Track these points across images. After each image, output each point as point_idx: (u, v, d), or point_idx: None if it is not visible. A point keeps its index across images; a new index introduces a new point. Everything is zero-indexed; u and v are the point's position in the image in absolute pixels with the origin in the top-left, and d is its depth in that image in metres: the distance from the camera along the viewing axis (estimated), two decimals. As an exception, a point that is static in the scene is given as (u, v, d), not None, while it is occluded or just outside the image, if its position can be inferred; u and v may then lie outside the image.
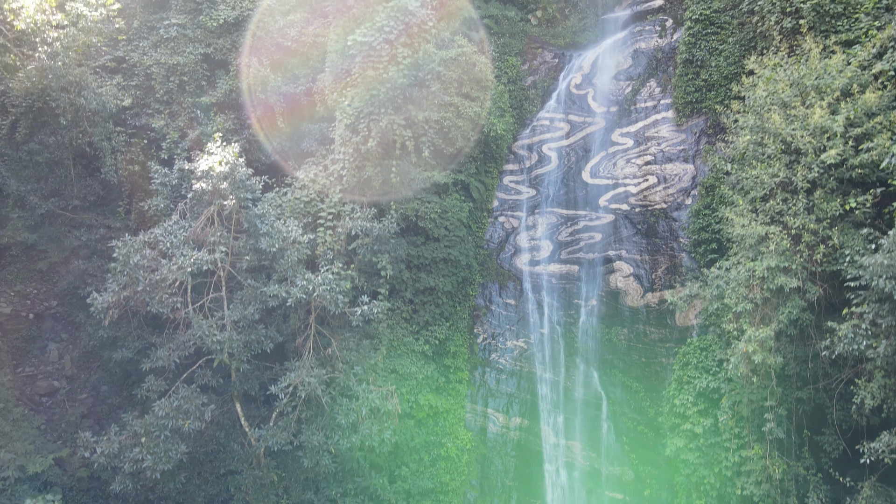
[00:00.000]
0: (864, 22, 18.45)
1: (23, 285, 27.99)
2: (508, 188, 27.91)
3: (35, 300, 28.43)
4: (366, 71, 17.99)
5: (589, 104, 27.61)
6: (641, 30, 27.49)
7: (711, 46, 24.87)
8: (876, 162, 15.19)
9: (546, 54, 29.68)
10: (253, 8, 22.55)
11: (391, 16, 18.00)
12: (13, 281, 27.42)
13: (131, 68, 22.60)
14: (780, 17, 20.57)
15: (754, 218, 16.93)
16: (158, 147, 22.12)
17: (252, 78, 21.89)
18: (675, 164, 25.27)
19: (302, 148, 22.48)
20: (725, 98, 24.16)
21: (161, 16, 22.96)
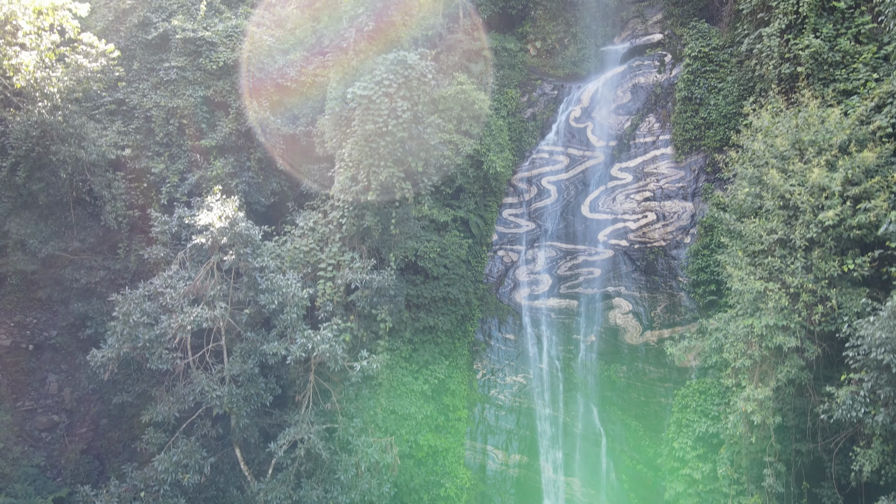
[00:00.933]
0: (862, 73, 18.49)
1: (22, 315, 28.01)
2: (508, 221, 27.94)
3: (35, 330, 28.44)
4: (365, 125, 18.02)
5: (588, 138, 27.64)
6: (640, 64, 27.53)
7: (710, 84, 24.91)
8: (874, 223, 15.22)
9: (545, 86, 29.71)
10: (252, 49, 22.58)
11: (390, 69, 18.03)
12: (13, 310, 27.41)
13: (131, 111, 22.63)
14: (778, 62, 20.61)
15: (752, 271, 16.95)
16: (158, 190, 22.15)
17: (252, 120, 21.92)
18: (674, 201, 25.29)
19: (301, 189, 22.50)
20: (724, 137, 24.25)
21: (161, 57, 22.99)
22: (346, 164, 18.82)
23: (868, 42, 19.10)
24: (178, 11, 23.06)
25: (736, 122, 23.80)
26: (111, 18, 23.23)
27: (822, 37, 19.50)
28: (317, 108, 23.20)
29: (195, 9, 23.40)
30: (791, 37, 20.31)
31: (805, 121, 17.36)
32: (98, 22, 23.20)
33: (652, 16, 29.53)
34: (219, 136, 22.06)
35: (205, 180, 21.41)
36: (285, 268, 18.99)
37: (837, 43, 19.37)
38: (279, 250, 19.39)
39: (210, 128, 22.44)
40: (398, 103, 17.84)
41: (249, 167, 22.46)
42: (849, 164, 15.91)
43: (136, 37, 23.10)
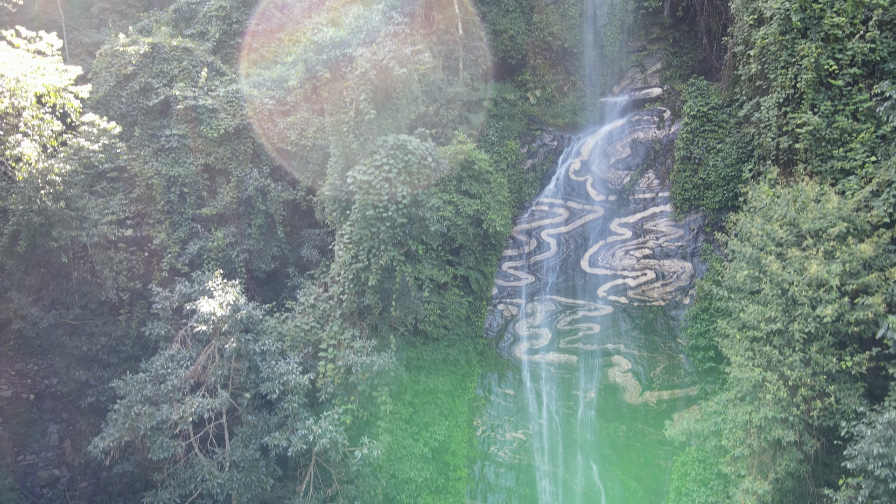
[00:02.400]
0: (860, 153, 18.59)
1: (23, 363, 28.07)
2: (507, 275, 28.01)
3: (35, 378, 28.50)
4: (366, 210, 18.09)
5: (588, 191, 27.74)
6: (639, 119, 27.64)
7: (709, 145, 25.02)
8: (872, 320, 15.32)
9: (545, 136, 29.82)
10: (253, 115, 22.66)
11: (390, 154, 18.11)
12: (13, 357, 27.45)
13: (132, 178, 22.71)
14: (776, 134, 20.71)
15: (751, 357, 17.04)
16: (160, 259, 22.21)
17: (252, 188, 21.99)
18: (673, 260, 25.39)
19: (301, 254, 22.57)
20: (723, 198, 24.37)
21: (162, 123, 23.07)
22: (346, 243, 18.92)
23: (866, 120, 19.21)
24: (179, 76, 23.15)
25: (735, 184, 23.94)
26: (112, 84, 23.32)
27: (820, 113, 19.60)
28: (317, 172, 23.28)
29: (196, 72, 23.49)
30: (789, 110, 20.42)
31: (803, 205, 17.45)
32: (100, 87, 23.30)
33: (651, 65, 29.66)
34: (220, 204, 22.14)
35: (206, 251, 21.50)
36: (286, 347, 19.09)
37: (835, 120, 19.47)
38: (281, 328, 19.49)
39: (211, 195, 22.53)
40: (398, 188, 17.94)
41: (250, 234, 22.55)
42: (847, 255, 16.00)
43: (138, 103, 23.18)
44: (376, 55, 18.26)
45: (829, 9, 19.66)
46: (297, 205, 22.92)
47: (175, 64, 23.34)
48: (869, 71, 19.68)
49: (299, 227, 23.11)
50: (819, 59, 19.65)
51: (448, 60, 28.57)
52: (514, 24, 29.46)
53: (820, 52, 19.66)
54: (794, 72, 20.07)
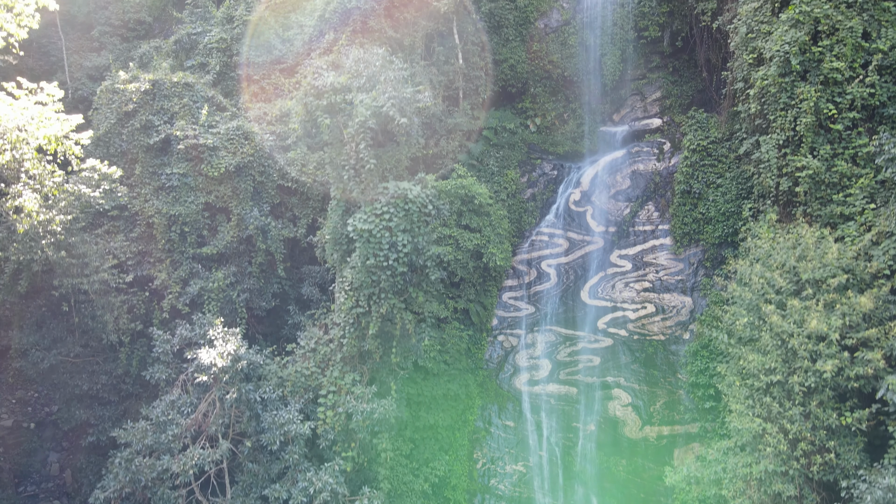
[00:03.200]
0: (859, 199, 18.63)
1: (24, 390, 28.08)
2: (508, 305, 28.04)
3: (36, 405, 28.53)
4: (367, 259, 18.13)
5: (588, 222, 27.77)
6: (639, 150, 27.68)
7: (709, 179, 25.07)
8: (872, 376, 15.36)
9: (545, 165, 29.85)
10: (254, 152, 22.70)
11: (391, 202, 18.16)
12: (14, 384, 27.43)
13: (133, 216, 22.74)
14: (776, 175, 20.74)
15: (751, 406, 17.08)
16: (161, 298, 22.24)
17: (253, 227, 22.01)
18: (673, 294, 25.43)
19: (302, 292, 22.60)
20: (723, 233, 24.41)
21: (163, 160, 23.10)
22: (347, 290, 18.96)
23: (865, 165, 19.25)
24: (180, 113, 23.18)
25: (735, 220, 23.99)
26: (113, 121, 23.36)
27: (820, 157, 19.65)
28: (317, 208, 23.30)
29: (197, 108, 23.54)
30: (788, 151, 20.46)
31: (802, 253, 17.50)
32: (101, 124, 23.34)
33: (651, 94, 29.71)
34: (220, 244, 22.17)
35: (206, 291, 21.54)
36: (287, 393, 19.12)
37: (835, 164, 19.53)
38: (281, 373, 19.53)
39: (211, 234, 22.56)
40: (399, 237, 17.98)
41: (251, 273, 22.59)
42: (847, 307, 16.04)
43: (138, 140, 23.21)
44: (377, 101, 18.30)
45: (829, 52, 19.72)
46: (297, 241, 22.95)
47: (176, 100, 23.37)
48: (868, 115, 19.75)
49: (299, 263, 23.15)
50: (818, 103, 19.71)
51: (448, 90, 28.63)
52: (514, 54, 29.50)
53: (819, 95, 19.72)
54: (794, 114, 20.12)
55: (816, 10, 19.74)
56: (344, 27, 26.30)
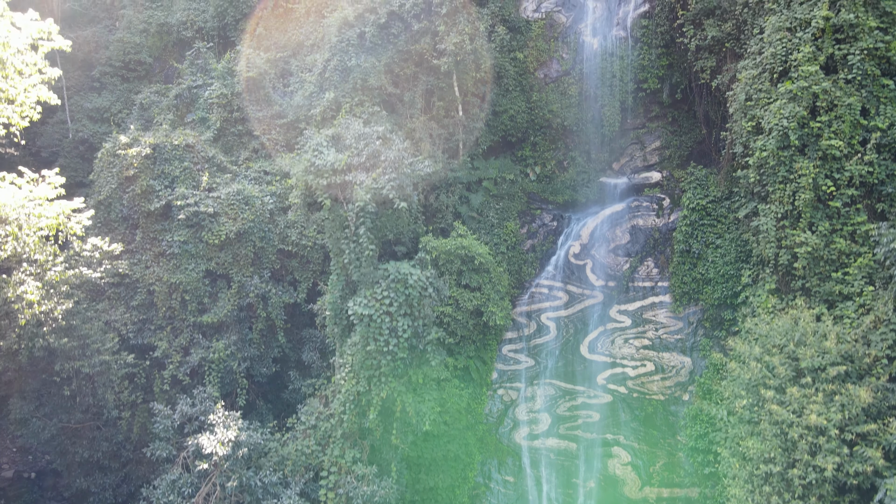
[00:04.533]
0: (857, 279, 18.68)
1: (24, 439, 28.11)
2: (507, 358, 28.09)
3: (37, 454, 28.51)
4: (367, 344, 18.21)
5: (587, 276, 27.83)
6: (639, 205, 27.74)
7: (708, 240, 25.13)
8: (871, 472, 15.41)
9: (545, 216, 29.91)
10: (255, 218, 22.75)
11: (391, 287, 18.23)
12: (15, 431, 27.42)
13: (133, 284, 22.79)
14: (775, 247, 20.77)
15: (751, 491, 17.13)
16: (161, 368, 22.29)
17: (253, 295, 22.08)
18: (672, 353, 25.49)
19: (302, 358, 22.65)
20: (722, 295, 24.45)
21: (164, 226, 23.15)
22: (348, 371, 19.01)
23: (863, 243, 19.30)
24: (180, 177, 23.26)
25: (734, 283, 24.04)
26: (114, 186, 23.43)
27: (818, 233, 19.69)
28: (318, 271, 23.36)
29: (197, 170, 23.60)
30: (787, 225, 20.50)
31: (801, 339, 17.55)
32: (102, 189, 23.39)
33: (650, 143, 29.79)
34: (221, 312, 22.24)
35: (207, 362, 21.60)
36: (287, 472, 19.15)
37: (833, 240, 19.58)
38: (282, 451, 19.56)
39: (212, 301, 22.63)
40: (399, 322, 18.06)
41: (251, 340, 22.66)
42: (846, 399, 16.10)
43: (139, 206, 23.28)
44: (377, 182, 18.37)
45: (827, 128, 19.77)
46: (297, 306, 23.01)
47: (177, 164, 23.44)
48: (867, 191, 19.80)
49: (300, 326, 23.22)
50: (817, 179, 19.76)
51: (448, 143, 28.69)
52: (514, 104, 29.57)
53: (818, 171, 19.77)
54: (793, 188, 20.18)
55: (815, 87, 19.80)
56: (344, 84, 26.38)
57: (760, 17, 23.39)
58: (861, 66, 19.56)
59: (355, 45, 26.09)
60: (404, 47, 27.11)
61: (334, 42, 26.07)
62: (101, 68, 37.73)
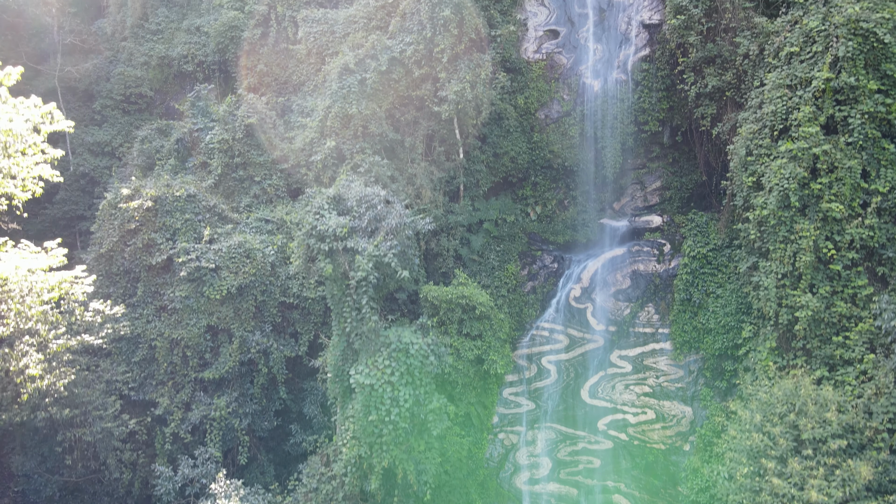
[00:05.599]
0: (858, 345, 18.71)
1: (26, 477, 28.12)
2: (508, 401, 28.10)
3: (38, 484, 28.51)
4: (368, 414, 18.26)
5: (588, 320, 27.85)
6: (640, 250, 27.76)
7: (709, 289, 25.16)
8: (871, 552, 15.48)
9: (546, 257, 29.94)
10: (256, 271, 22.78)
11: (392, 356, 18.27)
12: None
13: (135, 339, 22.82)
14: (776, 307, 20.79)
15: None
16: (163, 424, 22.31)
17: (255, 351, 22.11)
18: (673, 402, 25.51)
19: (304, 411, 22.66)
20: (722, 346, 24.48)
21: (165, 279, 23.17)
22: (350, 438, 19.04)
23: (864, 306, 19.33)
24: (182, 229, 23.26)
25: (735, 334, 24.06)
26: (115, 239, 23.45)
27: (819, 295, 19.72)
28: (319, 323, 23.37)
29: (199, 222, 23.61)
30: (787, 284, 20.52)
31: (802, 409, 17.58)
32: (103, 241, 23.41)
33: (651, 183, 29.84)
34: (222, 368, 22.27)
35: (208, 420, 21.63)
36: (289, 537, 19.25)
37: (834, 303, 19.61)
38: (283, 514, 19.67)
39: (213, 356, 22.64)
40: (401, 391, 18.11)
41: (252, 395, 22.70)
42: (847, 474, 16.13)
43: (141, 260, 23.30)
44: (378, 250, 18.40)
45: (828, 190, 19.80)
46: (299, 360, 23.04)
47: (178, 216, 23.46)
48: (868, 254, 19.83)
49: (301, 376, 23.24)
50: (818, 241, 19.79)
51: (449, 185, 28.75)
52: (515, 145, 29.59)
53: (818, 232, 19.80)
54: (793, 249, 20.20)
55: (815, 148, 19.83)
56: (345, 131, 26.43)
57: (761, 70, 23.44)
58: (862, 129, 19.60)
59: (356, 91, 26.12)
60: (405, 92, 27.18)
61: (335, 89, 26.11)
62: (102, 101, 37.79)
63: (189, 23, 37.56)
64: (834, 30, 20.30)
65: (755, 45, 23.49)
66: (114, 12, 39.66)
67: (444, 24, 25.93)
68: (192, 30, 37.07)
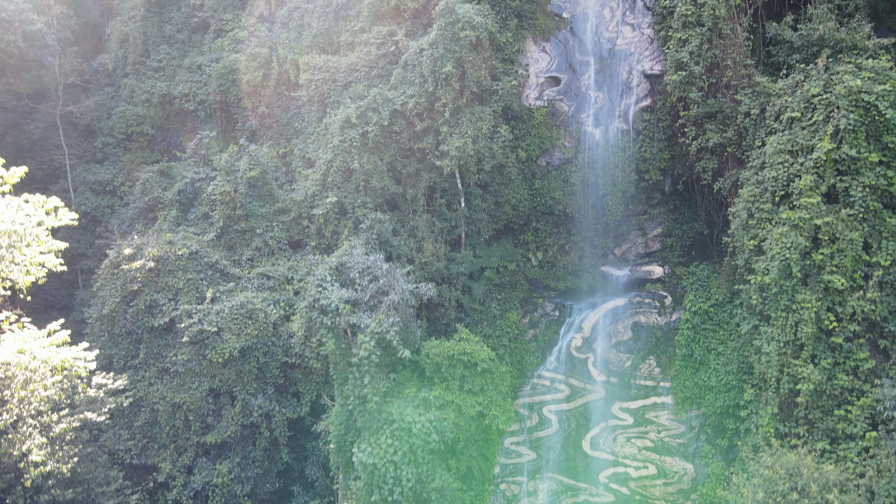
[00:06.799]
0: (860, 420, 18.73)
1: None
2: (509, 451, 28.14)
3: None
4: (371, 494, 18.29)
5: (589, 370, 27.89)
6: (641, 301, 27.80)
7: (710, 345, 25.20)
8: None
9: (547, 304, 29.98)
10: (258, 333, 22.81)
11: (395, 434, 18.31)
12: None
13: (138, 402, 22.83)
14: (777, 375, 20.81)
15: None
16: (167, 488, 22.33)
17: (257, 415, 22.14)
18: (675, 458, 25.54)
19: (306, 472, 22.69)
20: (724, 404, 24.49)
21: (167, 341, 23.20)
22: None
23: (867, 379, 19.36)
24: (184, 289, 23.29)
25: (736, 393, 24.09)
26: (118, 300, 23.47)
27: (821, 367, 19.73)
28: (321, 382, 23.40)
29: (201, 281, 23.62)
30: (789, 353, 20.54)
31: (804, 489, 17.60)
32: (105, 301, 23.43)
33: (652, 230, 29.86)
34: (224, 432, 22.29)
35: (210, 486, 21.66)
36: None
37: (835, 375, 19.64)
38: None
39: (216, 419, 22.67)
40: (403, 471, 18.14)
41: (255, 458, 22.72)
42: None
43: (143, 321, 23.32)
44: (381, 326, 18.44)
45: (830, 261, 19.82)
46: (300, 421, 23.07)
47: (181, 275, 23.49)
48: (869, 326, 19.85)
49: (303, 434, 23.25)
50: (819, 312, 19.81)
51: (450, 235, 28.75)
52: (516, 193, 29.61)
53: (820, 303, 19.82)
54: (795, 319, 20.22)
55: (816, 219, 19.87)
56: (346, 184, 26.45)
57: (762, 129, 23.50)
58: (863, 201, 19.64)
59: (358, 145, 26.16)
60: (407, 144, 27.21)
61: (337, 143, 26.14)
62: (104, 138, 37.87)
63: (190, 60, 37.63)
64: (835, 99, 20.34)
65: (756, 104, 23.55)
66: (115, 48, 39.75)
67: (445, 79, 25.96)
68: (194, 68, 37.13)
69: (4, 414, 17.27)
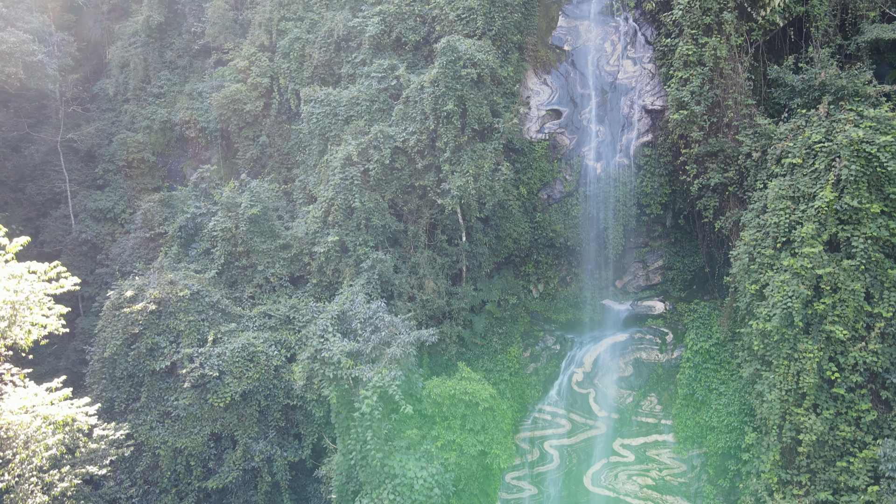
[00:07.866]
0: (862, 474, 18.74)
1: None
2: (511, 486, 28.13)
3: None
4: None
5: (591, 405, 27.88)
6: (642, 337, 27.81)
7: (711, 385, 25.19)
8: None
9: (548, 338, 29.96)
10: (260, 376, 22.80)
11: (397, 490, 18.32)
12: None
13: (139, 447, 22.82)
14: (779, 420, 20.81)
15: None
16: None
17: (259, 459, 22.14)
18: (676, 498, 25.54)
19: None
20: (725, 445, 24.48)
21: (168, 384, 23.20)
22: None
23: (868, 430, 19.36)
24: (186, 331, 23.28)
25: (738, 435, 24.07)
26: (119, 342, 23.46)
27: (823, 417, 19.74)
28: (322, 424, 23.40)
29: (203, 323, 23.61)
30: (791, 401, 20.53)
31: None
32: (107, 345, 23.43)
33: (653, 262, 29.85)
34: (225, 478, 22.29)
35: (212, 533, 21.72)
36: None
37: (837, 425, 19.63)
38: None
39: (217, 463, 22.67)
40: None
41: (256, 503, 22.71)
42: None
43: (145, 364, 23.32)
44: (383, 380, 18.44)
45: (832, 311, 19.82)
46: (302, 463, 23.06)
47: (182, 317, 23.49)
48: (871, 377, 19.84)
49: (305, 478, 23.25)
50: (821, 362, 19.80)
51: (451, 269, 28.74)
52: (517, 227, 29.59)
53: (822, 353, 19.81)
54: (797, 368, 20.21)
55: (818, 269, 19.86)
56: (347, 222, 26.45)
57: (763, 171, 23.50)
58: (865, 252, 19.63)
59: (359, 183, 26.16)
60: (408, 181, 27.21)
61: (338, 180, 26.14)
62: (105, 165, 37.84)
63: (191, 87, 37.63)
64: (837, 148, 20.34)
65: (758, 146, 23.54)
66: (116, 73, 39.73)
67: (447, 117, 25.98)
68: (195, 94, 37.12)
69: (6, 474, 17.27)
